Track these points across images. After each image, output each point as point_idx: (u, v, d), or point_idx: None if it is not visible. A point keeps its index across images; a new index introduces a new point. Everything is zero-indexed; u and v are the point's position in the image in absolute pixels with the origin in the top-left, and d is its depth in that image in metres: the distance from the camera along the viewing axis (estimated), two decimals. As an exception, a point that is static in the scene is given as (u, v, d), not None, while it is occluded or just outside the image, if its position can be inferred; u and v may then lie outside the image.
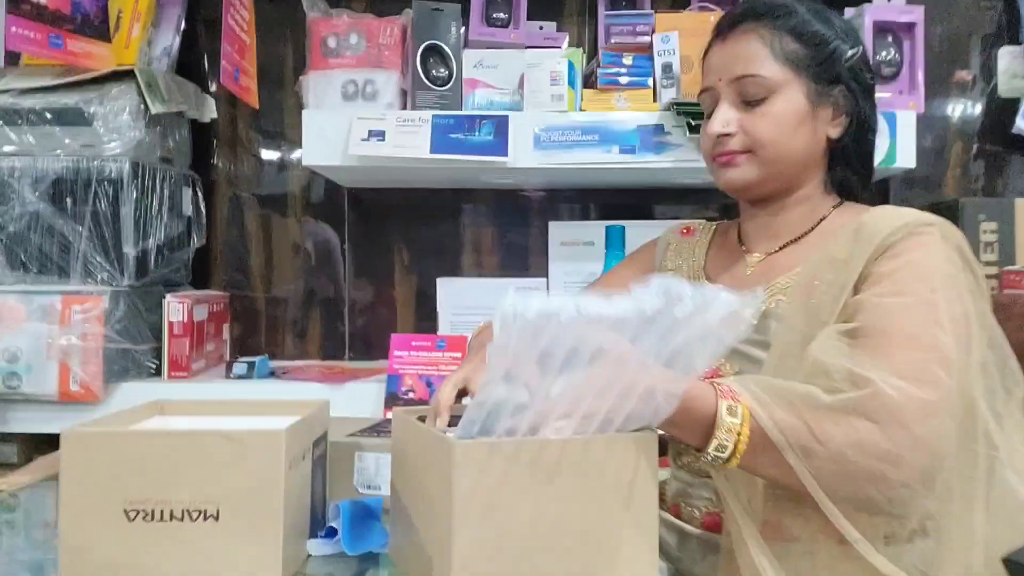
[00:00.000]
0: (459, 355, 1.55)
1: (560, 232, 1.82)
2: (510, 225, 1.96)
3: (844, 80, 0.97)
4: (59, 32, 1.66)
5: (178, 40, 1.90)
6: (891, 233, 0.86)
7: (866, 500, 0.75)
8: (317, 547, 0.94)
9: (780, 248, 1.00)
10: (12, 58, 1.82)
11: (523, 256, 1.95)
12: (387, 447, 1.10)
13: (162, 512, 0.81)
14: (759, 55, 0.95)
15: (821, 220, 0.99)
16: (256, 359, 1.72)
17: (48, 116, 1.65)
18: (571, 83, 1.65)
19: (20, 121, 1.66)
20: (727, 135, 0.96)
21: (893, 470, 0.73)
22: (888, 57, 1.63)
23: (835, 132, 0.98)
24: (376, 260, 1.99)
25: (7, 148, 1.66)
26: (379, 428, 1.20)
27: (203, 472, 0.81)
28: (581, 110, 1.65)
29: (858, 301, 0.84)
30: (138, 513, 0.81)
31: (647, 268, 1.14)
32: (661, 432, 0.79)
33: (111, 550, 0.80)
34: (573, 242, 1.81)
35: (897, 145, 1.59)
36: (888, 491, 0.74)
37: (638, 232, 1.55)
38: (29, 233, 1.66)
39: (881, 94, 1.62)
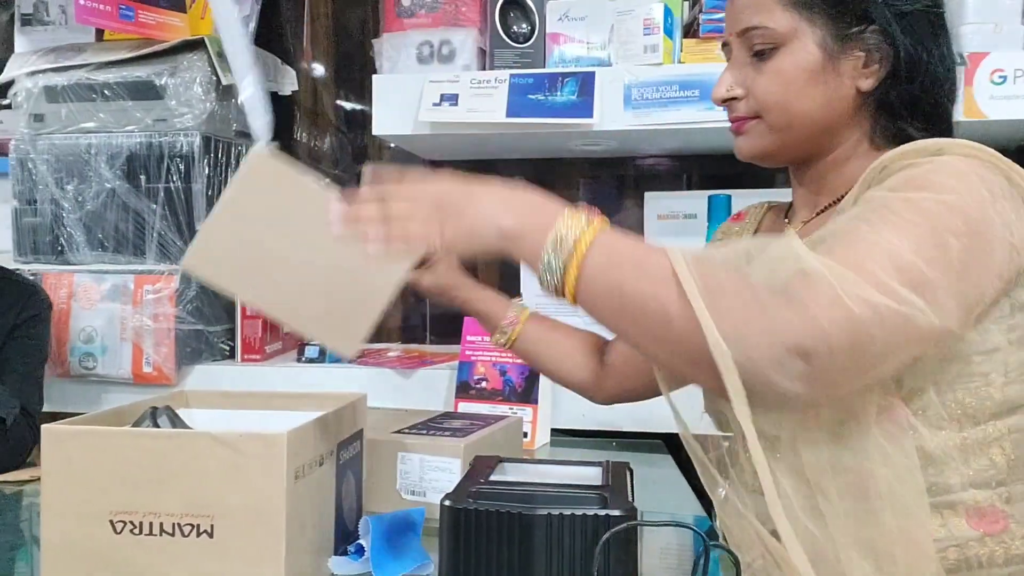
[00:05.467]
0: (537, 341, 1.39)
1: (657, 204, 1.62)
2: (601, 197, 1.78)
3: (876, 17, 0.76)
4: (130, 3, 1.61)
5: (258, 9, 1.83)
6: (895, 158, 0.69)
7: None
8: (341, 566, 0.82)
9: (818, 214, 0.83)
10: (100, 34, 1.80)
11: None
12: (434, 447, 0.97)
13: (151, 525, 0.70)
14: (766, 1, 0.78)
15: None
16: (329, 342, 1.63)
17: (121, 90, 1.61)
18: (668, 32, 1.44)
19: (95, 97, 1.62)
20: (733, 99, 0.81)
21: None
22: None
23: (868, 83, 0.77)
24: (459, 237, 1.85)
25: (84, 124, 1.64)
26: (431, 425, 1.07)
27: (194, 481, 0.70)
28: (680, 62, 1.45)
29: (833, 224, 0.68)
30: (125, 524, 0.70)
31: None
32: None
33: (96, 565, 0.70)
34: (672, 215, 1.61)
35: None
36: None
37: (745, 202, 1.34)
38: (106, 211, 1.63)
39: None
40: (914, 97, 0.78)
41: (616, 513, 0.62)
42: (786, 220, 0.89)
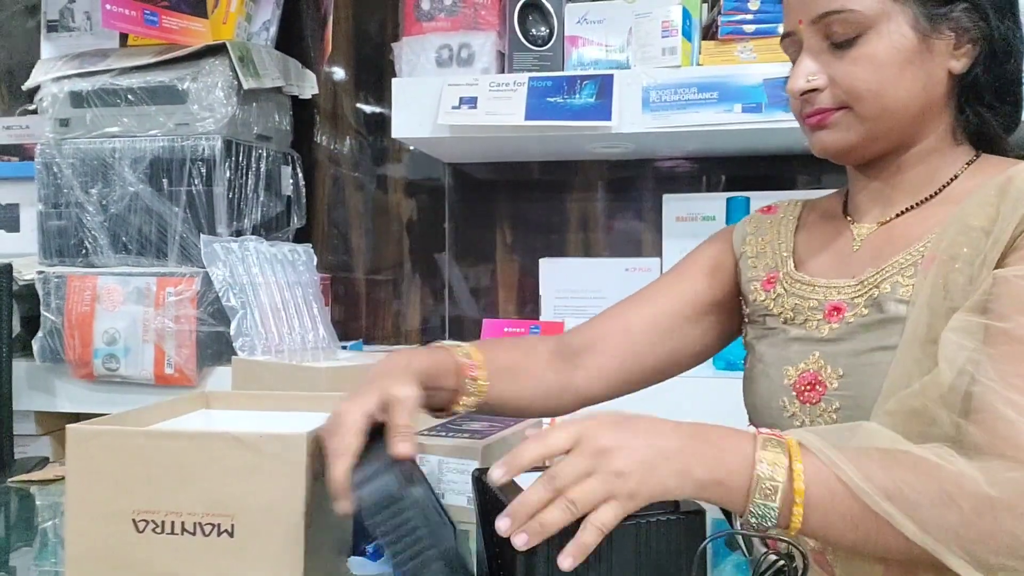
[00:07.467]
0: (556, 343, 1.40)
1: (675, 206, 1.62)
2: (620, 200, 1.78)
3: None
4: (154, 9, 1.63)
5: (279, 14, 1.84)
6: None
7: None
8: (360, 566, 0.82)
9: (897, 215, 0.78)
10: (124, 40, 1.82)
11: (634, 234, 1.77)
12: (453, 449, 0.97)
13: (173, 524, 0.71)
14: None
15: (952, 180, 0.77)
16: (349, 344, 1.64)
17: (144, 95, 1.63)
18: (687, 35, 1.44)
19: (119, 101, 1.65)
20: (813, 90, 0.76)
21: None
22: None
23: (960, 65, 0.74)
24: (477, 240, 1.86)
25: (108, 129, 1.66)
26: (450, 426, 1.07)
27: (215, 481, 0.70)
28: (698, 65, 1.44)
29: (996, 278, 0.64)
30: (147, 524, 0.71)
31: (721, 258, 0.92)
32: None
33: (119, 564, 0.71)
34: (690, 217, 1.61)
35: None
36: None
37: (764, 204, 1.34)
38: (129, 214, 1.65)
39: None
40: (1004, 80, 0.75)
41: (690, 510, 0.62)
42: (848, 218, 0.83)
